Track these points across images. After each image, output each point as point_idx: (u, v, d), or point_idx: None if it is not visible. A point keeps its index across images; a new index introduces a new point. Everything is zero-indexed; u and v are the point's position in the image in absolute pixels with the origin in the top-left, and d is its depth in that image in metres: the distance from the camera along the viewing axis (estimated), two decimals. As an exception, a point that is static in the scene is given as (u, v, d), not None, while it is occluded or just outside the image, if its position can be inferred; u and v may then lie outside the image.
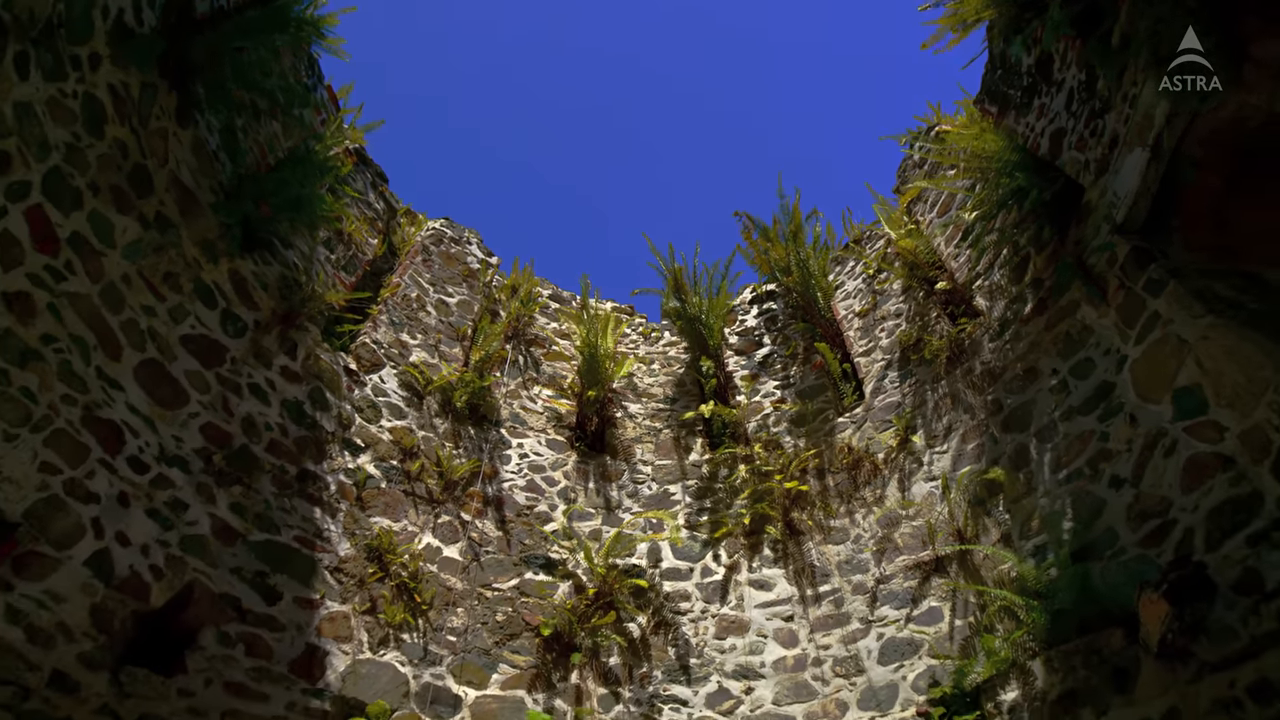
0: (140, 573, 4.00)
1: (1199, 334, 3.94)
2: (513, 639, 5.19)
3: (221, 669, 4.11)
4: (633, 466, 6.59)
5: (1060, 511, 4.49)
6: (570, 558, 5.73)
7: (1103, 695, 3.84)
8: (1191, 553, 3.77)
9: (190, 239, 4.76)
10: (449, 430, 6.14)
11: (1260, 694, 3.32)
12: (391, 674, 4.64)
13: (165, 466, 4.32)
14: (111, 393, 4.12)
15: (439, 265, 7.40)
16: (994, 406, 5.21)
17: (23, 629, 3.43)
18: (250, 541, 4.59)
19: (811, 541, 5.64)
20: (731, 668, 5.14)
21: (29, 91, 3.60)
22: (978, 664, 4.41)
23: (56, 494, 3.72)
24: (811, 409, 6.57)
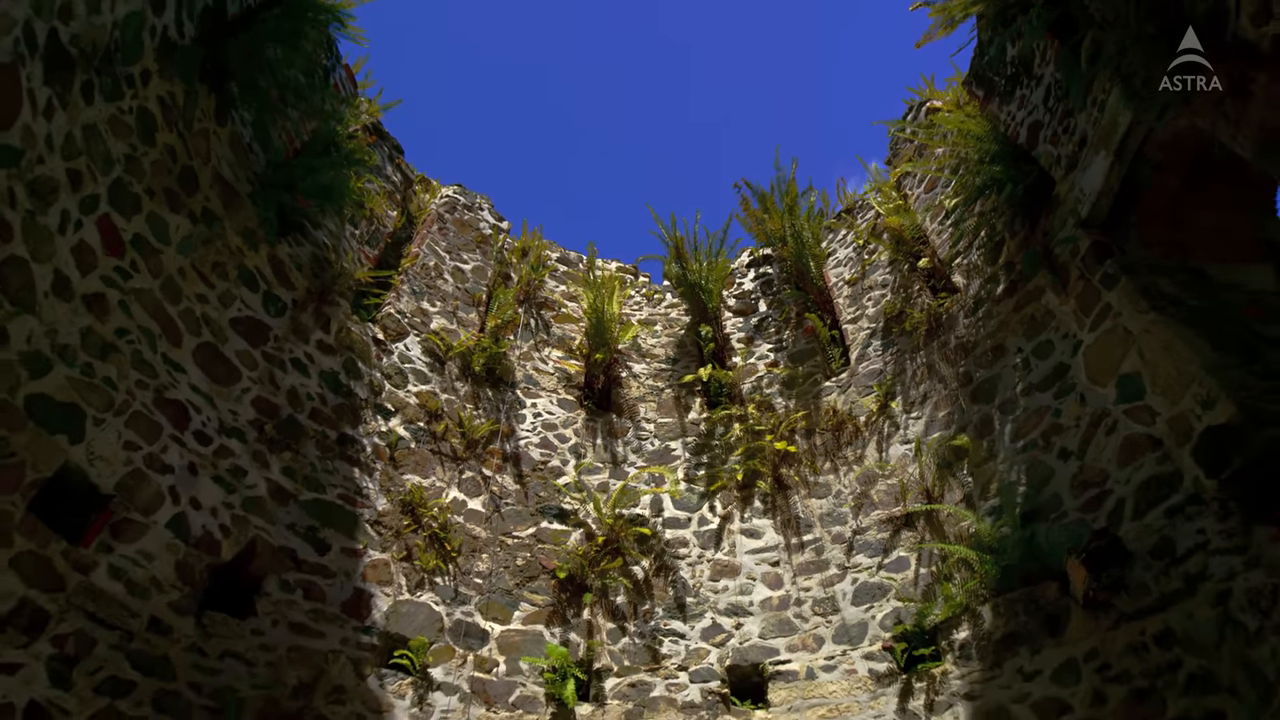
0: (211, 531, 4.60)
1: (1142, 328, 4.40)
2: (531, 581, 5.85)
3: (285, 611, 4.75)
4: (637, 424, 7.15)
5: (1015, 477, 5.05)
6: (581, 508, 6.36)
7: (1038, 637, 4.48)
8: (1121, 520, 4.35)
9: (233, 229, 5.18)
10: (469, 393, 6.68)
11: (1163, 641, 3.95)
12: (428, 612, 5.31)
13: (225, 438, 4.87)
14: (176, 375, 4.63)
15: (453, 233, 7.78)
16: (964, 378, 5.72)
17: (123, 584, 4.04)
18: (301, 500, 5.18)
19: (797, 495, 6.25)
20: (724, 606, 5.82)
21: (94, 114, 3.97)
22: (936, 607, 5.06)
23: (139, 468, 4.27)
24: (801, 372, 7.08)
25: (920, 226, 6.73)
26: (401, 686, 4.88)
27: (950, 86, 6.90)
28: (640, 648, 5.60)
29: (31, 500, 3.66)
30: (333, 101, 6.08)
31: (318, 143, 5.84)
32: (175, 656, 4.15)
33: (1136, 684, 3.99)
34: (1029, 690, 4.38)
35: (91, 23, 3.77)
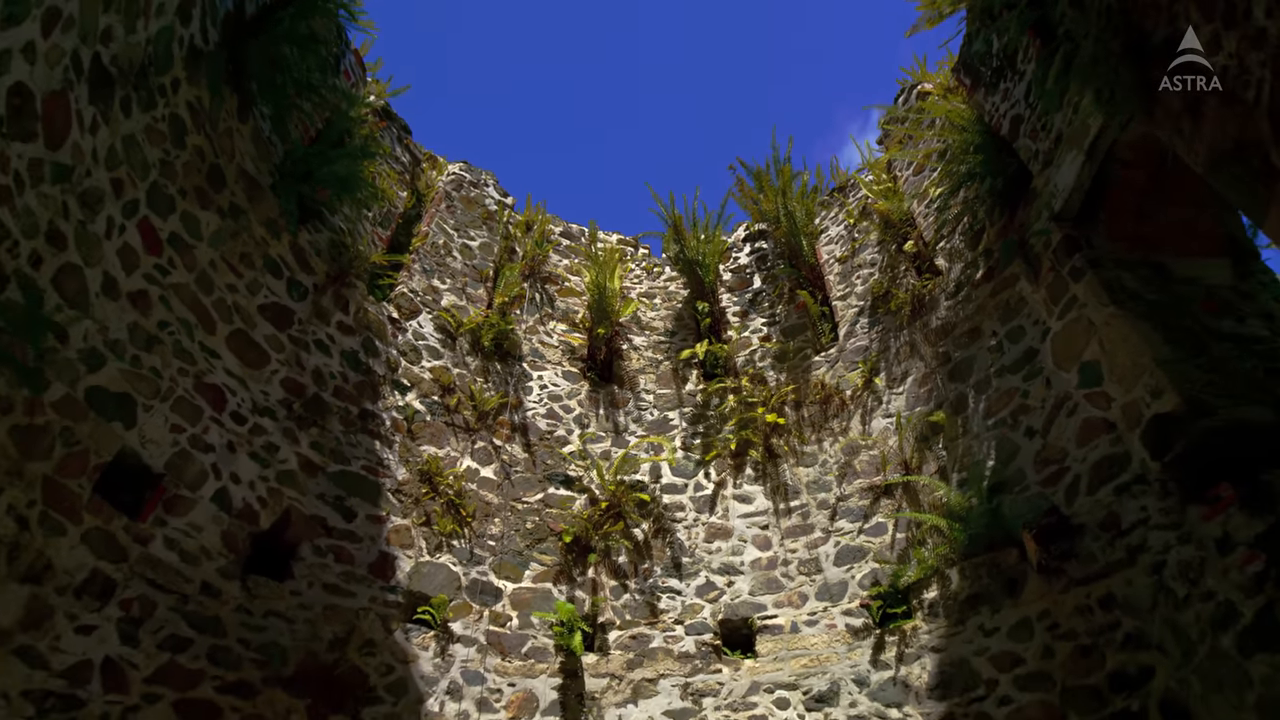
0: (250, 503, 5.03)
1: (1103, 320, 4.75)
2: (540, 543, 6.33)
3: (319, 574, 5.22)
4: (637, 395, 7.55)
5: (985, 452, 5.46)
6: (585, 475, 6.80)
7: (998, 598, 4.96)
8: (1076, 495, 4.77)
9: (257, 220, 5.48)
10: (479, 367, 7.05)
11: (1105, 604, 4.42)
12: (446, 572, 5.79)
13: (258, 417, 5.27)
14: (212, 361, 5.00)
15: (460, 210, 8.04)
16: (943, 358, 6.08)
17: (177, 553, 4.49)
18: (328, 472, 5.60)
19: (786, 464, 6.68)
20: (717, 565, 6.30)
21: (132, 125, 4.25)
22: (910, 569, 5.53)
23: (184, 448, 4.68)
24: (792, 347, 7.44)
25: (907, 210, 7.01)
26: (425, 639, 5.38)
27: (941, 69, 7.09)
28: (640, 603, 6.10)
29: (96, 482, 4.08)
30: (344, 90, 6.30)
31: (332, 131, 6.08)
32: (225, 616, 4.63)
33: (1081, 641, 4.48)
34: (988, 645, 4.87)
35: (129, 42, 4.03)
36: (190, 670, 4.37)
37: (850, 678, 5.36)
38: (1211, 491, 3.95)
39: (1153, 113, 4.20)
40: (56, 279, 3.82)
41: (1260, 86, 3.29)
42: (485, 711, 5.25)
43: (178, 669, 4.32)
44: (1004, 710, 4.64)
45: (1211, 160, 3.81)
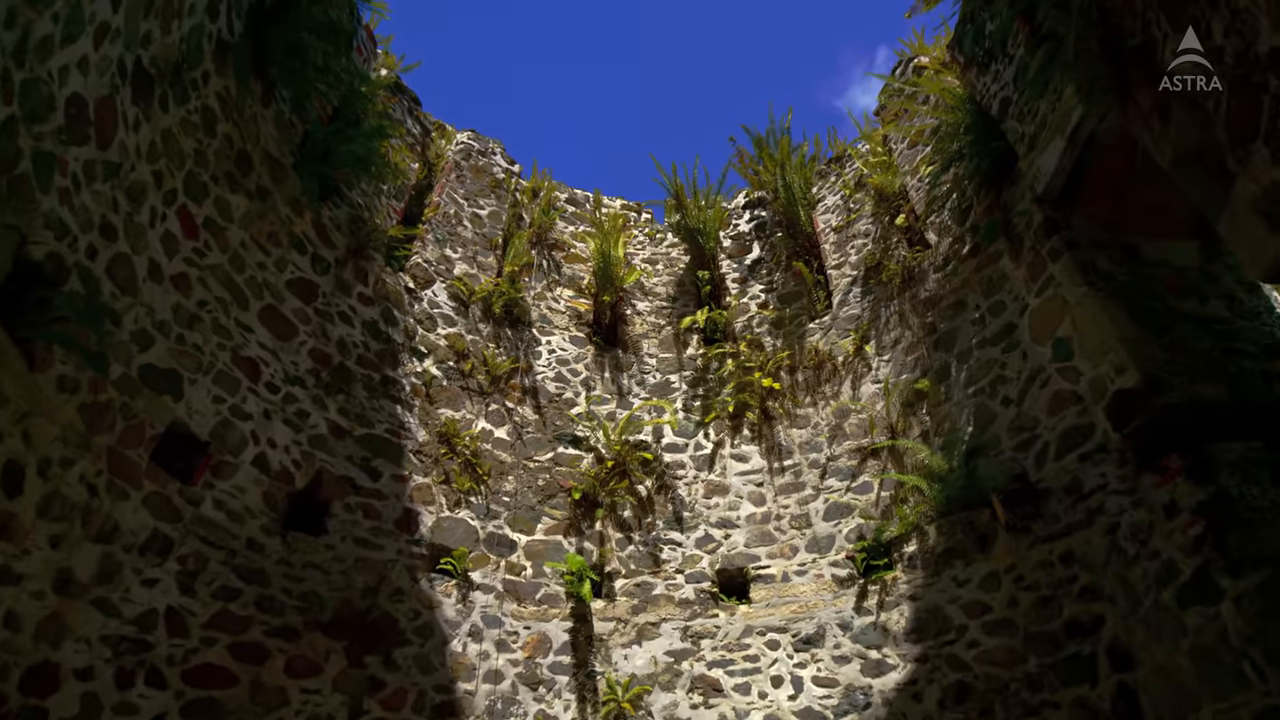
0: (286, 466, 5.44)
1: (1076, 299, 5.07)
2: (551, 498, 6.77)
3: (350, 529, 5.67)
4: (640, 359, 7.90)
5: (964, 419, 5.85)
6: (592, 435, 7.21)
7: (970, 553, 5.41)
8: (1045, 461, 5.17)
9: (282, 200, 5.75)
10: (491, 333, 7.40)
11: (1065, 560, 4.86)
12: (465, 526, 6.25)
13: (290, 386, 5.64)
14: (247, 335, 5.34)
15: (470, 179, 8.26)
16: (930, 328, 6.41)
17: (224, 512, 4.92)
18: (355, 435, 6.00)
19: (781, 426, 7.08)
20: (715, 519, 6.77)
21: (169, 120, 4.51)
22: (892, 525, 5.98)
23: (226, 417, 5.07)
24: (789, 314, 7.76)
25: (901, 184, 7.23)
26: (448, 587, 5.87)
27: (938, 42, 7.22)
28: (644, 554, 6.58)
29: (152, 451, 4.48)
30: (357, 68, 6.48)
31: (348, 110, 6.29)
32: (269, 568, 5.09)
33: (1042, 592, 4.93)
34: (960, 594, 5.34)
35: (164, 43, 4.26)
36: (241, 617, 4.85)
37: (835, 622, 5.86)
38: (1163, 462, 4.34)
39: (1127, 109, 4.45)
40: (110, 268, 4.14)
41: (1219, 98, 3.55)
42: (504, 652, 5.77)
43: (230, 616, 4.79)
44: (972, 653, 5.13)
45: (1176, 159, 4.08)
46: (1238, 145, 3.49)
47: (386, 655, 5.36)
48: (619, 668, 5.89)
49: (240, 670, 4.73)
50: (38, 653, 3.78)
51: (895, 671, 5.44)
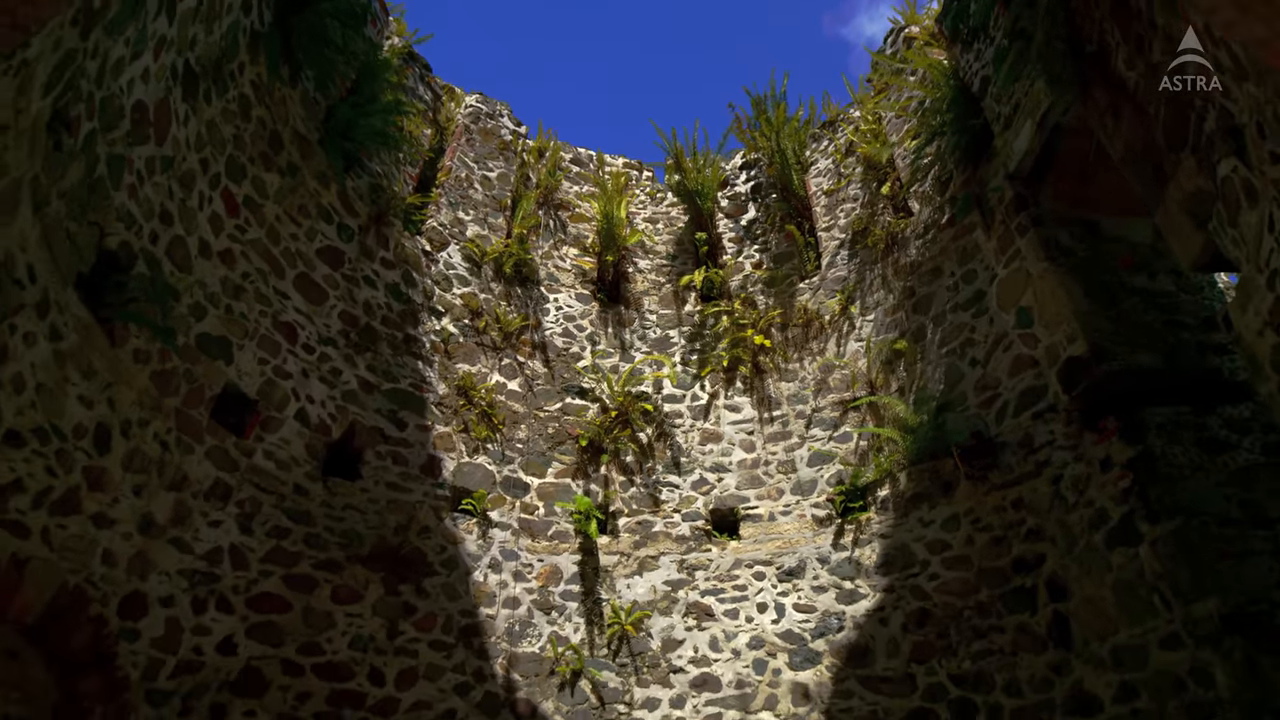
0: (324, 419, 6.01)
1: (1038, 273, 5.53)
2: (560, 445, 7.37)
3: (381, 474, 6.27)
4: (641, 315, 8.38)
5: (936, 377, 6.37)
6: (597, 387, 7.75)
7: (935, 497, 6.02)
8: (1004, 417, 5.73)
9: (310, 175, 6.14)
10: (502, 291, 7.86)
11: (1016, 505, 5.46)
12: (483, 471, 6.86)
13: (323, 346, 6.16)
14: (284, 302, 5.83)
15: (479, 143, 8.56)
16: (909, 292, 6.87)
17: (273, 462, 5.51)
18: (382, 390, 6.55)
19: (770, 379, 7.62)
20: (709, 464, 7.38)
21: (212, 111, 4.89)
22: (868, 471, 6.58)
23: (270, 377, 5.60)
24: (780, 274, 8.20)
25: (888, 158, 7.56)
26: (469, 525, 6.51)
27: (928, 11, 7.45)
28: (645, 495, 7.22)
29: (211, 410, 5.03)
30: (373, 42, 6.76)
31: (366, 84, 6.60)
32: (313, 510, 5.71)
33: (995, 533, 5.56)
34: (924, 534, 5.98)
35: (208, 43, 4.61)
36: (291, 552, 5.49)
37: (815, 557, 6.53)
38: (1102, 422, 4.89)
39: (1086, 105, 4.82)
40: (169, 250, 4.61)
41: (1159, 107, 3.94)
42: (520, 581, 6.45)
43: (282, 551, 5.43)
44: (932, 584, 5.80)
45: (1125, 154, 4.48)
46: (1171, 151, 3.90)
47: (418, 584, 6.03)
48: (622, 595, 6.59)
49: (293, 598, 5.40)
50: (130, 584, 4.42)
51: (866, 600, 6.13)
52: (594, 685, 6.07)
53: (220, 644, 4.95)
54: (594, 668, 6.15)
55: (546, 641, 6.19)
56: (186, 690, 4.73)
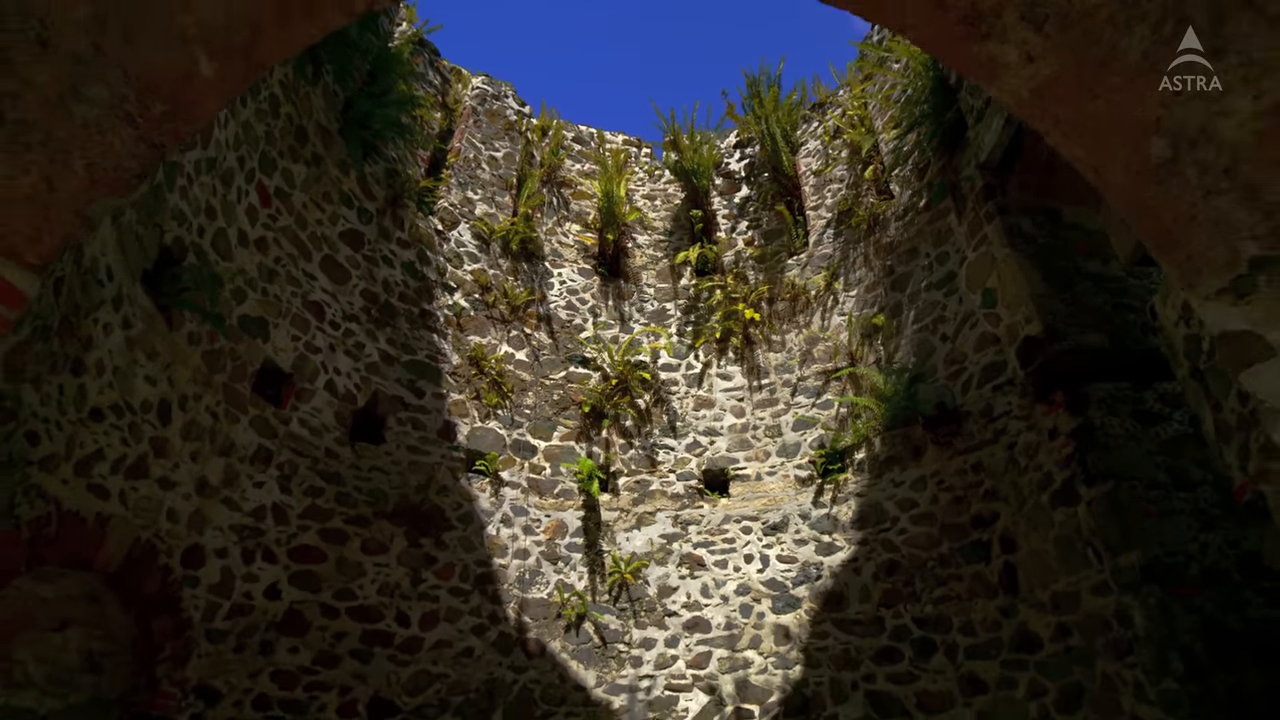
0: (350, 389, 6.53)
1: (1002, 257, 5.99)
2: (564, 411, 7.92)
3: (402, 438, 6.83)
4: (640, 288, 8.84)
5: (910, 350, 6.88)
6: (598, 356, 8.26)
7: (905, 460, 6.58)
8: (969, 389, 6.25)
9: (331, 163, 6.55)
10: (509, 267, 8.31)
11: (976, 468, 6.02)
12: (495, 435, 7.42)
13: (347, 322, 6.65)
14: (312, 283, 6.30)
15: (486, 124, 8.90)
16: (888, 270, 7.33)
17: (308, 429, 6.05)
18: (401, 361, 7.06)
19: (760, 350, 8.12)
20: (702, 429, 7.93)
21: (247, 113, 5.29)
22: (846, 436, 7.13)
23: (302, 352, 6.11)
24: (770, 250, 8.63)
25: (873, 144, 7.94)
26: (482, 484, 7.09)
27: None
28: (642, 457, 7.79)
29: (253, 384, 5.55)
30: (385, 33, 7.08)
31: (380, 75, 6.95)
32: (343, 471, 6.27)
33: (957, 493, 6.13)
34: (895, 493, 6.55)
35: (243, 50, 4.98)
36: (325, 509, 6.07)
37: (797, 513, 7.13)
38: (1052, 396, 5.42)
39: (1048, 105, 5.21)
40: (213, 241, 5.07)
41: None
42: (529, 534, 7.06)
43: (317, 508, 6.01)
44: (901, 538, 6.39)
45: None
46: (1111, 160, 4.34)
47: (437, 537, 6.64)
48: (622, 547, 7.20)
49: (328, 549, 6.00)
50: (190, 538, 5.00)
51: (841, 552, 6.74)
52: (596, 627, 6.72)
53: (267, 590, 5.56)
54: (596, 612, 6.79)
55: (554, 588, 6.83)
56: (239, 630, 5.36)
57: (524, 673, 6.39)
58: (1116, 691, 4.71)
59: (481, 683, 6.22)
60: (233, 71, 1.93)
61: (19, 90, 1.56)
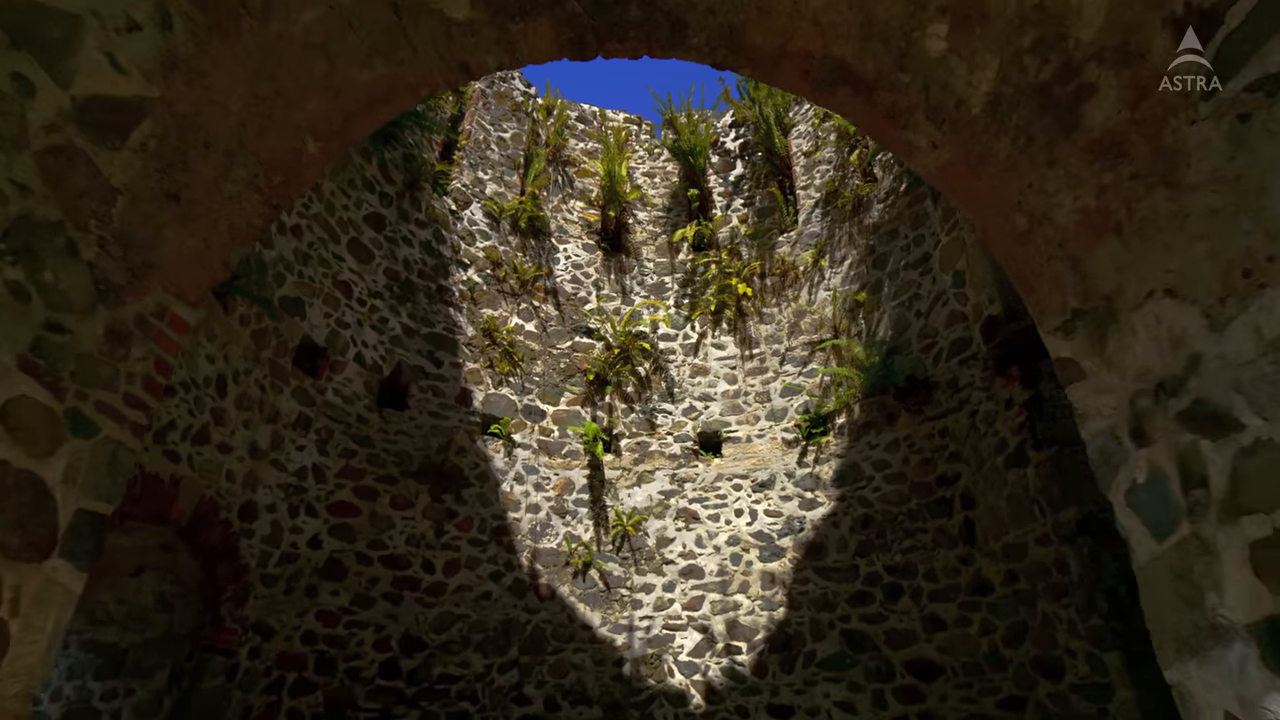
0: (376, 360, 7.11)
1: (971, 242, 6.51)
2: (571, 378, 8.51)
3: (424, 405, 7.43)
4: (640, 263, 9.34)
5: (888, 325, 7.45)
6: (602, 327, 8.82)
7: (881, 425, 7.20)
8: (939, 361, 6.83)
9: (355, 151, 7.01)
10: (518, 244, 8.81)
11: (943, 433, 6.63)
12: (507, 401, 8.02)
13: (373, 299, 7.19)
14: (341, 264, 6.82)
15: (494, 106, 9.28)
16: (870, 250, 7.85)
17: (340, 397, 6.63)
18: (421, 334, 7.63)
19: (751, 321, 8.68)
20: (698, 394, 8.54)
21: (283, 111, 5.75)
22: (829, 402, 7.74)
23: (334, 328, 6.65)
24: (762, 227, 9.12)
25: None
26: (496, 446, 7.72)
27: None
28: (643, 420, 8.42)
29: (293, 358, 6.12)
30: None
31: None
32: (373, 435, 6.89)
33: (925, 455, 6.77)
34: (871, 455, 7.19)
35: (280, 57, 5.43)
36: (358, 469, 6.71)
37: (783, 472, 7.78)
38: (1009, 370, 6.00)
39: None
40: (256, 232, 5.58)
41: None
42: (540, 491, 7.72)
43: (351, 468, 6.65)
44: (875, 495, 7.05)
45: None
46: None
47: (457, 493, 7.29)
48: (624, 502, 7.87)
49: (361, 505, 6.65)
50: (245, 495, 5.63)
51: (822, 507, 7.41)
52: (601, 573, 7.43)
53: (310, 540, 6.23)
54: (601, 560, 7.49)
55: (562, 539, 7.52)
56: (288, 575, 6.03)
57: (536, 614, 7.11)
58: (1054, 628, 5.40)
59: (499, 622, 6.95)
60: (330, 148, 2.45)
61: (191, 180, 2.06)
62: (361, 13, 2.14)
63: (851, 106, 2.47)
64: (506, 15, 2.31)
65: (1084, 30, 1.79)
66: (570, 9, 2.32)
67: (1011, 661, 5.79)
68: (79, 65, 1.78)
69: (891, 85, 2.28)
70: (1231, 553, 1.57)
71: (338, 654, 6.21)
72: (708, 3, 2.31)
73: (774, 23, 2.28)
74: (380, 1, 2.15)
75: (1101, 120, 1.85)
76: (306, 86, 2.21)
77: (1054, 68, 1.89)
